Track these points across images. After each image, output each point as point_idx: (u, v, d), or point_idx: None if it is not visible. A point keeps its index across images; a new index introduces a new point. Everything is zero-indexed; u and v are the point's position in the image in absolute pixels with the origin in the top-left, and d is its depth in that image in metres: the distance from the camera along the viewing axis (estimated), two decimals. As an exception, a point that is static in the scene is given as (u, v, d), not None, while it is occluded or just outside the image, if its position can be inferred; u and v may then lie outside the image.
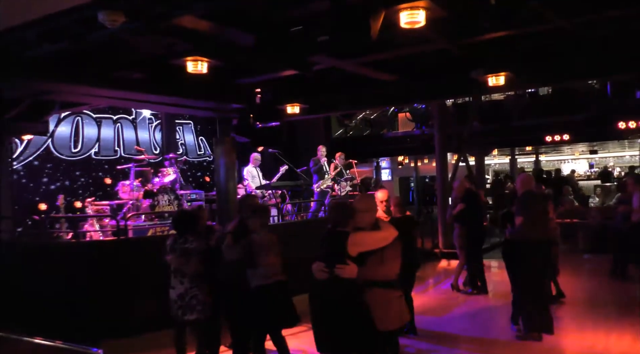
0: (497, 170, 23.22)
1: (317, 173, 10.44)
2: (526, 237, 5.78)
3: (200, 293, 4.96)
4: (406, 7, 3.85)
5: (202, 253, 4.98)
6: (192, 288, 4.94)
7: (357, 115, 18.06)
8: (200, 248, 4.98)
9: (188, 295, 4.95)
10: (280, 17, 4.62)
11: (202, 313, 4.97)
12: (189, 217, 5.24)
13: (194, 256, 4.93)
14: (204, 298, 4.98)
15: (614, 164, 21.16)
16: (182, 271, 4.96)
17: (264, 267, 4.61)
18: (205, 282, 5.00)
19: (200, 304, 4.95)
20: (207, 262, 5.00)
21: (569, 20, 4.51)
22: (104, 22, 3.64)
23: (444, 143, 12.46)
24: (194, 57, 5.06)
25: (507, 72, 5.66)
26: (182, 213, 5.69)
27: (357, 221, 3.86)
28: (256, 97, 7.11)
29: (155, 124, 12.41)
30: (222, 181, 6.75)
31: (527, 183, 6.06)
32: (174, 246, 5.03)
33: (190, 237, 5.01)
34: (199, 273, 4.96)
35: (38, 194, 9.99)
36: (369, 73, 6.04)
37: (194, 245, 4.96)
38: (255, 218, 4.76)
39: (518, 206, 5.92)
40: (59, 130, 10.56)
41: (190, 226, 5.11)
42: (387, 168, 22.20)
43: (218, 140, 6.92)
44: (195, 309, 4.95)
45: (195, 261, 4.92)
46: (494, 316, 6.98)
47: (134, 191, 8.43)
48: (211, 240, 5.22)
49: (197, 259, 4.93)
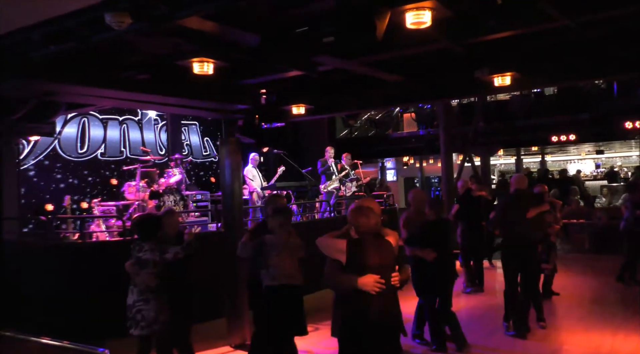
0: (503, 170, 23.15)
1: (325, 174, 10.45)
2: (503, 235, 6.26)
3: (147, 308, 4.47)
4: (412, 8, 3.84)
5: (157, 265, 4.52)
6: (139, 302, 4.50)
7: (362, 115, 18.05)
8: (152, 260, 4.51)
9: (135, 308, 4.53)
10: (286, 18, 4.62)
11: (146, 329, 4.50)
12: (149, 222, 4.72)
13: (144, 268, 4.48)
14: (150, 314, 4.48)
15: (621, 164, 21.05)
16: (134, 280, 4.57)
17: (273, 268, 4.54)
18: (157, 298, 4.52)
19: (145, 321, 4.49)
20: (164, 276, 4.53)
21: (575, 19, 4.49)
22: (111, 24, 3.65)
23: (449, 144, 12.41)
24: (200, 58, 5.06)
25: (513, 72, 5.64)
26: (142, 217, 5.19)
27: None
28: (261, 98, 7.11)
29: (161, 125, 12.45)
30: (227, 182, 6.75)
31: (517, 183, 6.30)
32: (132, 253, 4.65)
33: (147, 246, 4.55)
34: (148, 286, 4.49)
35: (44, 195, 10.05)
36: (374, 73, 6.03)
37: (147, 256, 4.51)
38: (274, 218, 4.63)
39: (497, 204, 6.28)
40: (66, 131, 10.62)
41: (148, 233, 4.62)
42: (392, 169, 22.18)
43: (223, 141, 6.92)
44: (138, 325, 4.51)
45: (145, 274, 4.47)
46: (487, 315, 6.96)
47: (140, 192, 8.46)
48: (168, 252, 4.64)
49: (149, 272, 4.48)
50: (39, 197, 9.98)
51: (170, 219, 4.85)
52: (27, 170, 9.94)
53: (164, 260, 4.57)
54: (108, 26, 3.73)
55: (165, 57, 5.38)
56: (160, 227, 4.71)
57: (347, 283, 3.38)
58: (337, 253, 3.43)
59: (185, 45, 4.84)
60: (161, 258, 4.55)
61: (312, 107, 7.11)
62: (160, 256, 4.57)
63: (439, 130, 12.69)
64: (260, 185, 9.78)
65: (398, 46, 4.98)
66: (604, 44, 5.24)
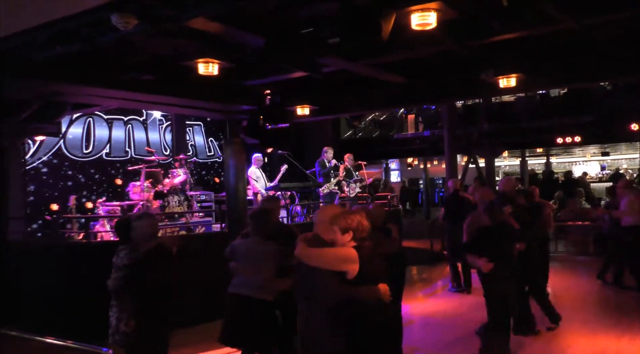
0: (508, 171, 23.08)
1: (324, 176, 10.41)
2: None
3: (111, 315, 4.05)
4: (417, 9, 3.84)
5: (120, 270, 4.06)
6: (112, 307, 4.09)
7: (366, 116, 18.05)
8: (116, 263, 4.12)
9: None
10: (290, 19, 4.63)
11: (111, 339, 4.04)
12: (124, 225, 4.31)
13: (114, 272, 4.09)
14: (112, 322, 4.04)
15: (627, 166, 20.96)
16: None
17: (235, 275, 4.24)
18: (119, 305, 4.03)
19: (110, 329, 4.06)
20: (128, 281, 4.00)
21: (579, 21, 4.48)
22: (117, 25, 3.67)
23: (453, 145, 12.40)
24: (205, 58, 5.08)
25: (518, 73, 5.64)
26: (118, 220, 4.85)
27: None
28: (265, 99, 7.13)
29: (166, 125, 12.48)
30: (232, 182, 6.76)
31: (504, 185, 6.35)
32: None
33: (122, 249, 4.16)
34: (114, 292, 4.06)
35: (50, 194, 10.09)
36: (379, 74, 6.03)
37: (114, 259, 4.16)
38: (248, 222, 4.33)
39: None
40: (71, 131, 10.66)
41: (123, 236, 4.29)
42: (396, 170, 22.18)
43: (227, 141, 6.94)
44: (109, 334, 4.07)
45: (112, 279, 4.07)
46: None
47: (144, 192, 8.48)
48: (119, 256, 4.14)
49: (114, 276, 4.07)
50: (44, 197, 10.01)
51: (141, 222, 4.25)
52: (32, 170, 9.98)
53: (117, 264, 4.10)
54: (114, 27, 3.76)
55: (169, 58, 5.40)
56: (131, 230, 4.19)
57: (367, 295, 3.02)
58: (344, 263, 3.05)
59: (190, 46, 4.85)
60: (125, 262, 4.08)
61: (316, 108, 7.11)
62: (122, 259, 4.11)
63: (443, 131, 12.68)
64: (264, 185, 9.78)
65: (403, 47, 4.98)
66: (609, 45, 5.23)
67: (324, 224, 3.26)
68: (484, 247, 4.77)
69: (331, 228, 3.15)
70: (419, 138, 15.82)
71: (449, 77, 6.32)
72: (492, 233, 4.81)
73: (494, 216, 4.84)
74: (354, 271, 3.01)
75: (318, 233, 3.33)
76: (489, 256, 4.68)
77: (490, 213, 4.86)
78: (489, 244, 4.78)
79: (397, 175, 22.21)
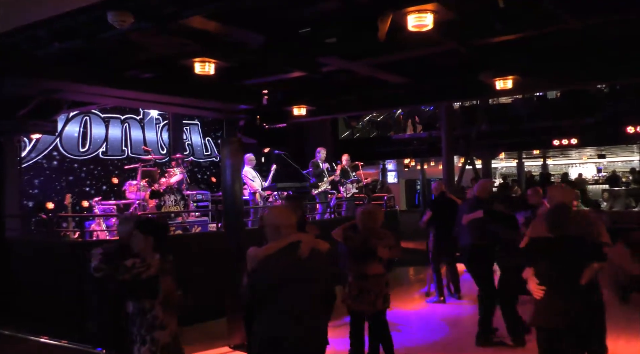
0: (505, 173, 23.13)
1: (316, 177, 10.41)
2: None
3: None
4: (414, 10, 3.83)
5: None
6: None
7: (364, 117, 18.07)
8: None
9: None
10: (289, 18, 4.62)
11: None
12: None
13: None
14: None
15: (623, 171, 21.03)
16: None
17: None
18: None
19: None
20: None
21: (579, 22, 4.48)
22: (113, 23, 3.65)
23: (450, 146, 12.41)
24: (201, 58, 5.06)
25: (516, 75, 5.63)
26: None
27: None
28: (263, 98, 7.10)
29: (163, 124, 12.46)
30: (228, 182, 6.73)
31: (478, 190, 6.29)
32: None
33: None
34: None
35: (45, 193, 10.06)
36: (377, 75, 6.02)
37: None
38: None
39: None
40: (67, 129, 10.63)
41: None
42: (393, 171, 22.18)
43: (225, 141, 6.90)
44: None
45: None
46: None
47: (140, 191, 8.46)
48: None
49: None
50: (40, 195, 9.98)
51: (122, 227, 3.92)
52: (28, 167, 9.95)
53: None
54: (112, 25, 3.74)
55: (168, 56, 5.38)
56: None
57: None
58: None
59: (189, 45, 4.83)
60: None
61: (313, 108, 7.10)
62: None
63: (441, 132, 12.68)
64: (261, 185, 9.77)
65: (401, 48, 4.98)
66: (607, 47, 5.23)
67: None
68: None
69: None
70: (416, 139, 15.84)
71: (448, 78, 6.31)
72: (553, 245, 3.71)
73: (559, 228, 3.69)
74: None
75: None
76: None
77: (549, 222, 3.73)
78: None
79: (395, 176, 22.22)
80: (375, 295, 4.67)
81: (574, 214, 3.85)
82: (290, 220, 3.13)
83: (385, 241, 4.68)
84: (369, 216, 4.75)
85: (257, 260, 2.98)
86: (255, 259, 3.00)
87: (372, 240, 4.63)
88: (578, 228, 3.74)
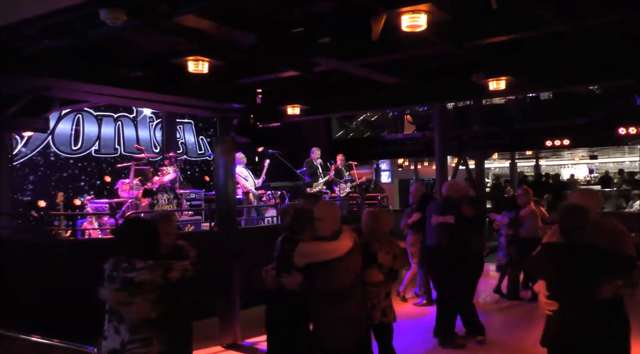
0: (497, 173, 23.24)
1: (310, 177, 10.43)
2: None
3: (146, 349, 3.11)
4: (407, 11, 3.83)
5: (157, 290, 3.16)
6: (133, 344, 3.11)
7: (358, 117, 18.07)
8: (153, 281, 3.15)
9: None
10: (283, 18, 4.61)
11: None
12: (141, 230, 3.29)
13: (142, 294, 3.12)
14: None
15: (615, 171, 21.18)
16: (119, 313, 3.18)
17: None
18: (158, 334, 3.17)
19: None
20: (164, 304, 3.18)
21: (571, 24, 4.50)
22: (106, 20, 3.63)
23: (444, 146, 12.45)
24: (194, 56, 5.04)
25: (509, 76, 5.66)
26: (130, 223, 3.81)
27: (317, 229, 3.69)
28: (257, 97, 7.09)
29: (156, 123, 12.41)
30: (221, 180, 6.72)
31: (447, 190, 6.26)
32: (113, 274, 3.21)
33: (140, 263, 3.16)
34: (147, 319, 3.13)
35: (37, 191, 9.99)
36: (371, 75, 6.03)
37: (144, 277, 3.13)
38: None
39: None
40: (60, 127, 10.56)
41: (140, 245, 3.22)
42: (387, 171, 22.22)
43: (218, 140, 6.89)
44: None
45: (142, 302, 3.10)
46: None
47: (133, 190, 8.43)
48: (173, 271, 3.28)
49: (146, 298, 3.12)
50: (32, 193, 9.92)
51: (167, 226, 3.53)
52: (19, 165, 9.88)
53: (168, 281, 3.23)
54: (104, 22, 3.71)
55: (161, 55, 5.36)
56: (156, 237, 3.32)
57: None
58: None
59: (182, 43, 4.82)
60: (166, 279, 3.22)
61: (307, 108, 7.09)
62: (164, 275, 3.21)
63: (434, 133, 12.71)
64: (254, 184, 9.76)
65: (395, 48, 4.98)
66: (599, 49, 5.26)
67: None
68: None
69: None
70: (410, 139, 15.87)
71: (441, 79, 6.33)
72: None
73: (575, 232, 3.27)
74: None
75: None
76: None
77: (563, 225, 3.37)
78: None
79: (388, 176, 22.25)
80: (372, 305, 4.22)
81: (597, 220, 3.37)
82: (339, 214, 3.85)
83: (389, 248, 4.35)
84: (373, 218, 4.44)
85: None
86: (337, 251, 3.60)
87: (374, 245, 4.30)
88: (596, 235, 3.22)
